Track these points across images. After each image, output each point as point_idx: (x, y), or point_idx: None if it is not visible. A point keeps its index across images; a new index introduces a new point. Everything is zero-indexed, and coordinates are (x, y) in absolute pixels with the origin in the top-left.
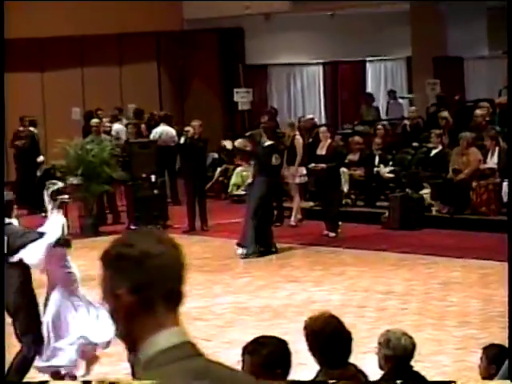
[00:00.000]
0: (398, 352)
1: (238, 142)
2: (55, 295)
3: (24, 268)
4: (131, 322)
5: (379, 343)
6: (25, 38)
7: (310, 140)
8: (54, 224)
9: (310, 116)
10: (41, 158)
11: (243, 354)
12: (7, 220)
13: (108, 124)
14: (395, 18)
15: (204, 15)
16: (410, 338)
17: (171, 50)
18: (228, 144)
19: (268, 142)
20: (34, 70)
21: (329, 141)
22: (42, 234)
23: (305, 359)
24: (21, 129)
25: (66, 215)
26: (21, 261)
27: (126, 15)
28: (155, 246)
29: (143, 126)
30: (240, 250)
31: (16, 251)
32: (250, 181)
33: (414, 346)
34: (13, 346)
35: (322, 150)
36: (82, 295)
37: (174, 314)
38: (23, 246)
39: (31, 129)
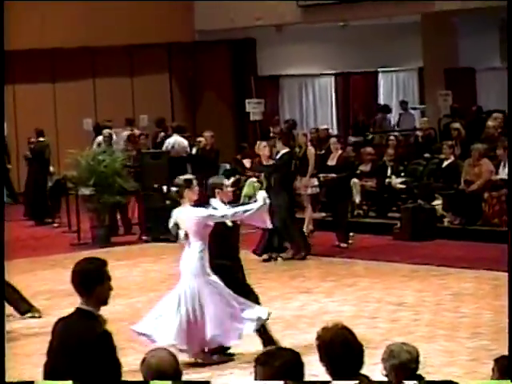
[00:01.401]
0: (403, 358)
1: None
2: None
3: None
4: None
5: (383, 359)
6: (36, 49)
7: (323, 151)
8: None
9: (325, 126)
10: (52, 169)
11: (255, 365)
12: None
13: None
14: (407, 28)
15: (216, 26)
16: (412, 346)
17: (183, 61)
18: (247, 163)
19: (284, 150)
20: (45, 81)
21: (339, 151)
22: None
23: (317, 370)
24: (32, 140)
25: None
26: None
27: (138, 26)
28: None
29: (162, 134)
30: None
31: None
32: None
33: (417, 352)
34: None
35: (332, 161)
36: None
37: None
38: None
39: (41, 139)
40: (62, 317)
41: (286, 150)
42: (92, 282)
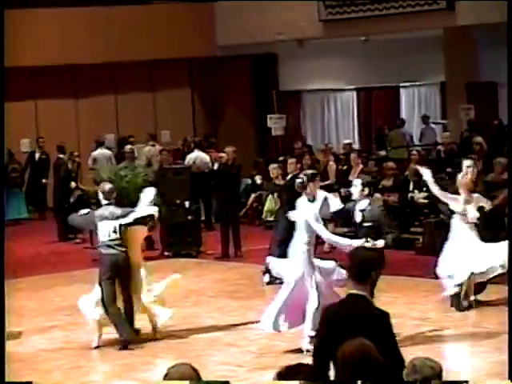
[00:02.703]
0: (426, 373)
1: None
2: None
3: None
4: None
5: (405, 374)
6: (58, 66)
7: (345, 167)
8: None
9: (348, 141)
10: (73, 185)
11: (277, 379)
12: None
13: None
14: (429, 43)
15: (237, 41)
16: (435, 361)
17: (204, 76)
18: (258, 179)
19: (295, 172)
20: (67, 97)
21: (360, 166)
22: None
23: None
24: (61, 156)
25: None
26: None
27: (159, 41)
28: None
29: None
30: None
31: None
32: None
33: (440, 367)
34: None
35: (353, 176)
36: None
37: None
38: None
39: (60, 156)
40: (329, 304)
41: (297, 172)
42: (370, 268)
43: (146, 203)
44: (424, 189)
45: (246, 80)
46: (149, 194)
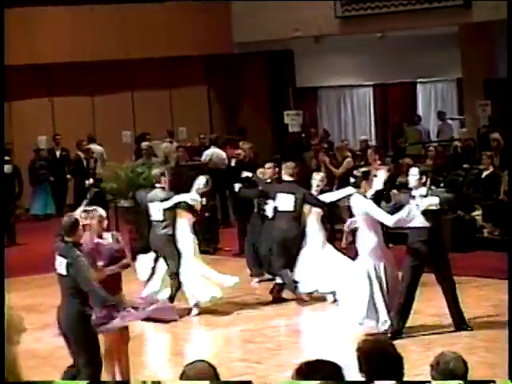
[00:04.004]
0: (458, 372)
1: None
2: None
3: None
4: None
5: (431, 365)
6: (74, 62)
7: (362, 162)
8: None
9: (364, 137)
10: (90, 181)
11: (297, 377)
12: None
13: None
14: (445, 39)
15: (253, 38)
16: (462, 361)
17: (221, 73)
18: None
19: (289, 178)
20: (84, 94)
21: (378, 162)
22: None
23: None
24: (80, 154)
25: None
26: None
27: (176, 39)
28: None
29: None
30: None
31: None
32: None
33: (464, 369)
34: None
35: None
36: None
37: None
38: None
39: (79, 153)
40: None
41: (290, 178)
42: None
43: (194, 190)
44: (442, 185)
45: (262, 77)
46: (198, 182)
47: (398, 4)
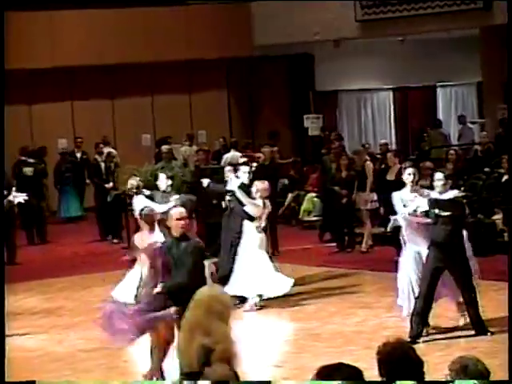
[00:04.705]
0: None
1: None
2: None
3: None
4: None
5: (450, 369)
6: (95, 66)
7: (383, 166)
8: None
9: (384, 141)
10: (107, 185)
11: (316, 378)
12: None
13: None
14: (465, 42)
15: (274, 41)
16: (483, 365)
17: (241, 76)
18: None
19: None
20: (104, 98)
21: (398, 166)
22: None
23: None
24: (97, 157)
25: None
26: None
27: (196, 42)
28: None
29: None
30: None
31: None
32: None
33: (484, 373)
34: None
35: (391, 176)
36: None
37: None
38: None
39: (96, 156)
40: None
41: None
42: None
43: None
44: (462, 188)
45: (282, 80)
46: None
47: (418, 8)
